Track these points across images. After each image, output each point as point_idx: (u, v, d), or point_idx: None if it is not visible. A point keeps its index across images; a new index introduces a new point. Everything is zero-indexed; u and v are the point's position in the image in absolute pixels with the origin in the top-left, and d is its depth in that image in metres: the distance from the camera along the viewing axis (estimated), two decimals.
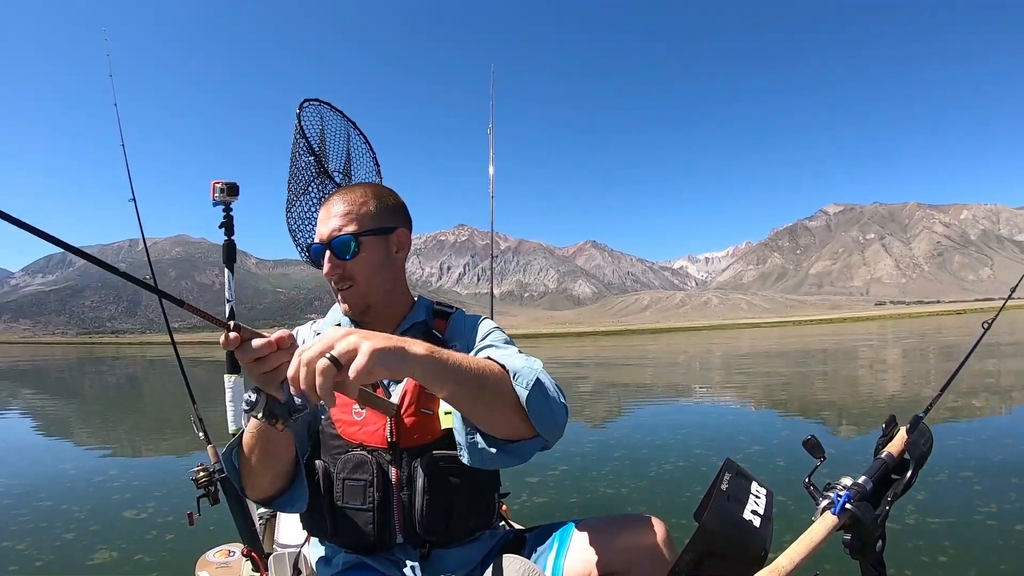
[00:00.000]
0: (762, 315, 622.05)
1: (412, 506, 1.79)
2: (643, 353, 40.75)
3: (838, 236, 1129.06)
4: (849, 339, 47.60)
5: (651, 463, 7.32)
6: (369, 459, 1.80)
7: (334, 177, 2.68)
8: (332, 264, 1.84)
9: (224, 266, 3.30)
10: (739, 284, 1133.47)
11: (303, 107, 2.63)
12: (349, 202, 1.87)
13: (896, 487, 1.56)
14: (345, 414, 1.84)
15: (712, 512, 1.44)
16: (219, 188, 3.09)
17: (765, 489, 1.58)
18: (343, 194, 1.91)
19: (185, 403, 3.40)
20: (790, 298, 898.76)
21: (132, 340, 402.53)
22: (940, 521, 4.98)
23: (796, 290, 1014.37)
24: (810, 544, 1.38)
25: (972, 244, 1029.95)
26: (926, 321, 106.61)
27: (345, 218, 1.84)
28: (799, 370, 22.70)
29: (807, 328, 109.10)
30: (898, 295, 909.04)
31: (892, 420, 1.71)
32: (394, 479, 1.80)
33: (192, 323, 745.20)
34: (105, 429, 13.20)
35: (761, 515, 1.49)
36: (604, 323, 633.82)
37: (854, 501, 1.47)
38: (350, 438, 1.82)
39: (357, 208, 1.86)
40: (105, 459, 9.52)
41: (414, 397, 1.83)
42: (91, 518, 6.03)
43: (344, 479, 1.80)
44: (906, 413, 1.71)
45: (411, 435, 1.81)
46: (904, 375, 19.13)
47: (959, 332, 44.29)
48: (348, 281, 1.85)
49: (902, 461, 1.62)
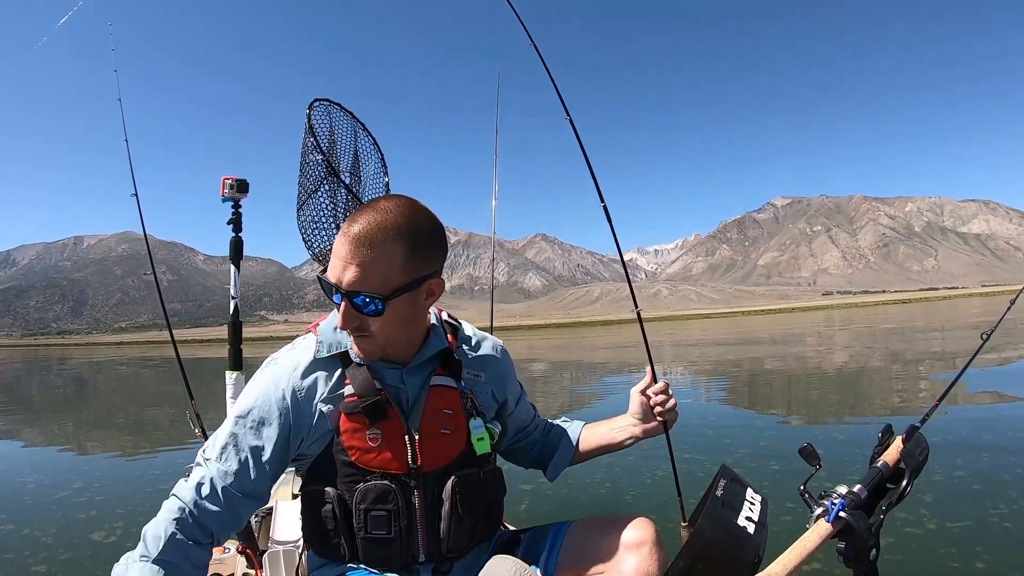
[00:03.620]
0: (712, 306, 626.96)
1: (438, 529, 1.76)
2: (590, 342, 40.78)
3: (786, 228, 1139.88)
4: (797, 327, 48.06)
5: (644, 470, 6.89)
6: (393, 488, 1.71)
7: (343, 177, 2.69)
8: (347, 316, 1.65)
9: (231, 263, 3.31)
10: (688, 276, 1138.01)
11: (312, 106, 2.63)
12: (373, 244, 1.58)
13: (891, 496, 1.59)
14: (359, 440, 1.71)
15: (706, 518, 1.52)
16: (229, 184, 3.10)
17: (760, 496, 1.64)
18: (367, 227, 1.60)
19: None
20: (739, 289, 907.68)
21: (79, 341, 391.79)
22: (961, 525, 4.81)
23: (745, 281, 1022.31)
24: (803, 551, 1.43)
25: (916, 236, 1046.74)
26: (872, 310, 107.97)
27: (368, 271, 1.60)
28: (747, 355, 22.93)
29: (755, 318, 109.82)
30: (845, 285, 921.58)
31: (888, 429, 1.72)
32: (418, 504, 1.74)
33: (139, 322, 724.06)
34: (62, 436, 12.77)
35: (755, 521, 1.56)
36: (555, 316, 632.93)
37: (848, 509, 1.49)
38: (366, 465, 1.72)
39: (385, 258, 1.60)
40: (64, 468, 9.11)
41: (434, 418, 1.77)
42: (59, 544, 5.44)
43: (366, 509, 1.71)
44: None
45: (433, 458, 1.75)
46: (852, 358, 19.33)
47: (906, 319, 45.02)
48: (365, 332, 1.68)
49: (897, 470, 1.63)
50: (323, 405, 1.73)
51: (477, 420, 1.82)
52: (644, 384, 2.02)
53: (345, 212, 2.62)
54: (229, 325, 3.45)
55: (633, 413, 2.04)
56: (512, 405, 2.07)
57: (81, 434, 12.99)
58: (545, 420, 2.25)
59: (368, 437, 1.70)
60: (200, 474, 1.66)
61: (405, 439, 1.72)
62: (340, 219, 2.62)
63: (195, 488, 1.63)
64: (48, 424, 14.91)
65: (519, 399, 2.12)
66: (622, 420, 2.09)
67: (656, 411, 2.00)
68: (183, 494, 1.63)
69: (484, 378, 1.93)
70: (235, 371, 3.35)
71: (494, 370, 1.98)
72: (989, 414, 9.20)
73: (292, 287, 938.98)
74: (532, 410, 2.20)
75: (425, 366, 1.82)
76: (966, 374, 2.16)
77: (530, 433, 2.19)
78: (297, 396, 1.72)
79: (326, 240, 2.56)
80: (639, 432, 2.04)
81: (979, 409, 9.58)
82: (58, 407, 19.23)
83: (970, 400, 10.05)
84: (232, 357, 3.35)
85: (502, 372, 2.01)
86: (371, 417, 1.70)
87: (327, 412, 1.72)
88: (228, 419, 1.73)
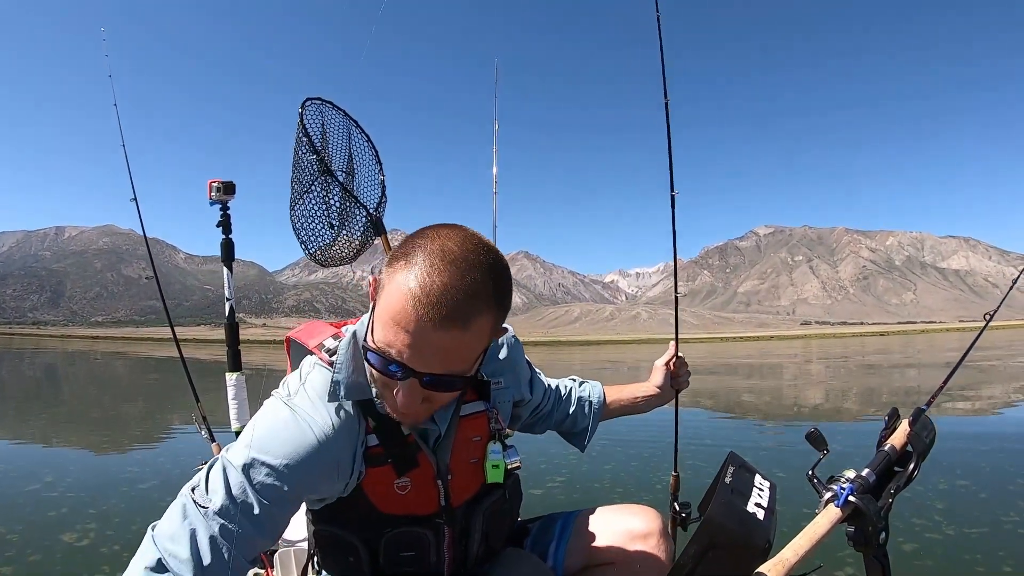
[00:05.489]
0: (691, 331, 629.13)
1: (467, 557, 1.68)
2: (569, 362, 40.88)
3: (767, 257, 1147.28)
4: (775, 354, 48.38)
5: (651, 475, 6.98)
6: (425, 534, 1.58)
7: (337, 176, 2.69)
8: (413, 395, 1.34)
9: (223, 264, 3.29)
10: (669, 300, 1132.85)
11: (305, 106, 2.63)
12: (465, 323, 1.26)
13: (899, 479, 1.58)
14: (385, 489, 1.52)
15: (716, 505, 1.48)
16: (215, 187, 3.08)
17: (769, 482, 1.61)
18: (456, 301, 1.24)
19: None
20: (718, 315, 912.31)
21: (54, 332, 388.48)
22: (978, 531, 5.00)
23: (724, 307, 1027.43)
24: (814, 537, 1.40)
25: (896, 269, 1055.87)
26: (850, 341, 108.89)
27: (456, 354, 1.31)
28: (727, 381, 23.06)
29: (734, 344, 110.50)
30: (823, 316, 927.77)
31: (895, 412, 1.72)
32: (447, 538, 1.61)
33: (116, 317, 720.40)
34: (37, 427, 12.42)
35: (765, 508, 1.52)
36: (534, 334, 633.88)
37: (857, 494, 1.47)
38: (391, 511, 1.54)
39: (478, 336, 1.32)
40: (36, 459, 8.84)
41: (464, 451, 1.62)
42: (27, 543, 5.06)
43: (395, 555, 1.57)
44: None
45: (462, 492, 1.63)
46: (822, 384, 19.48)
47: (885, 350, 45.45)
48: (425, 402, 1.39)
49: (904, 454, 1.63)
50: (348, 462, 1.46)
51: (496, 445, 1.66)
52: (668, 357, 2.31)
53: (339, 211, 2.61)
54: (226, 327, 3.43)
55: (657, 383, 2.29)
56: (528, 395, 1.96)
57: (54, 427, 12.69)
58: (555, 386, 2.20)
59: (396, 487, 1.52)
60: (192, 530, 1.28)
61: (437, 482, 1.57)
62: (333, 218, 2.61)
63: (192, 554, 1.26)
64: (18, 415, 14.66)
65: (532, 382, 2.01)
66: (646, 387, 2.31)
67: (674, 380, 2.32)
68: (177, 565, 1.25)
69: (504, 382, 1.77)
70: (235, 372, 3.32)
71: (512, 368, 1.81)
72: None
73: (272, 291, 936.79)
74: (543, 384, 2.09)
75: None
76: (966, 379, 2.17)
77: (544, 408, 2.14)
78: (321, 449, 1.39)
79: (319, 239, 2.55)
80: (657, 399, 2.31)
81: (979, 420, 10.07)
82: (31, 396, 19.04)
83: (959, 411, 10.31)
84: (231, 358, 3.33)
85: (517, 366, 1.85)
86: (400, 468, 1.52)
87: (352, 469, 1.47)
88: (233, 459, 1.36)
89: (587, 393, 2.22)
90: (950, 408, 11.98)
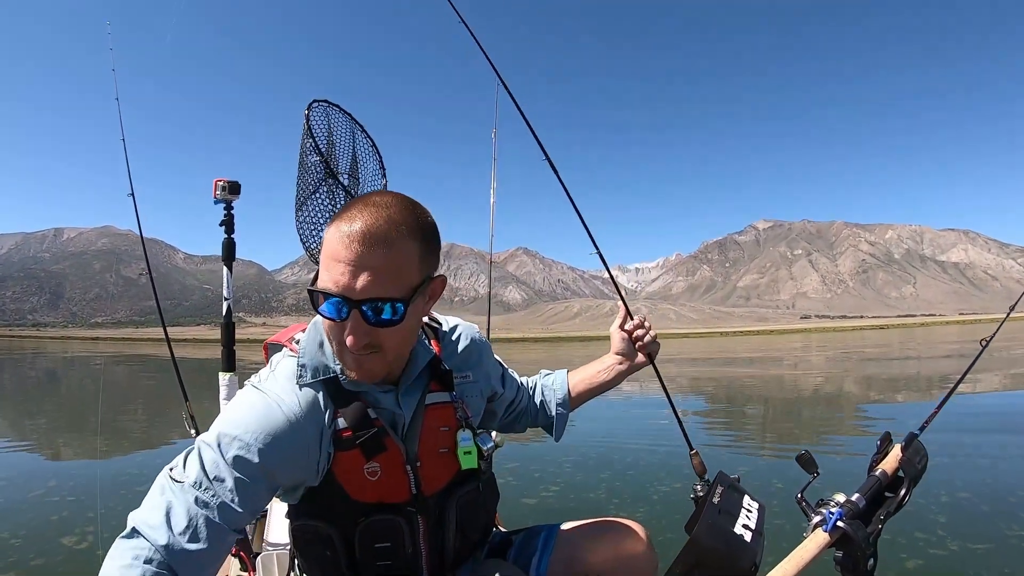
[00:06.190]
0: (690, 326, 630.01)
1: (443, 549, 1.69)
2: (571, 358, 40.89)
3: (767, 251, 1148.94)
4: (776, 349, 48.44)
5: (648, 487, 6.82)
6: (397, 521, 1.59)
7: (341, 179, 2.67)
8: (359, 332, 1.40)
9: (223, 264, 3.29)
10: (668, 295, 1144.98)
11: (311, 107, 2.62)
12: (389, 242, 1.37)
13: (889, 505, 1.57)
14: (355, 475, 1.55)
15: (703, 526, 1.49)
16: (221, 186, 3.09)
17: (757, 503, 1.61)
18: (376, 223, 1.37)
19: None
20: (718, 310, 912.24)
21: (55, 334, 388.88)
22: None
23: (724, 302, 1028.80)
24: (801, 561, 1.42)
25: (896, 263, 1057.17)
26: (850, 334, 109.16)
27: (385, 274, 1.37)
28: (724, 371, 23.07)
29: (733, 339, 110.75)
30: (823, 309, 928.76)
31: (887, 437, 1.70)
32: (422, 528, 1.64)
33: (116, 318, 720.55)
34: (36, 433, 12.50)
35: (752, 529, 1.52)
36: (533, 330, 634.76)
37: (846, 519, 1.48)
38: (363, 498, 1.57)
39: (403, 256, 1.40)
40: (38, 465, 8.91)
41: (432, 440, 1.65)
42: (29, 547, 5.20)
43: (370, 545, 1.59)
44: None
45: (433, 481, 1.65)
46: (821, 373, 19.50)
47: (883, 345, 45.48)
48: (375, 348, 1.45)
49: (896, 479, 1.63)
50: (316, 441, 1.50)
51: (466, 432, 1.69)
52: (620, 320, 2.16)
53: None
54: (222, 326, 3.45)
55: (616, 351, 2.17)
56: (500, 388, 1.99)
57: (55, 432, 12.73)
58: (528, 384, 2.22)
59: (366, 472, 1.55)
60: (168, 501, 1.33)
61: (406, 468, 1.60)
62: None
63: (165, 521, 1.30)
64: (21, 419, 14.66)
65: (503, 378, 2.03)
66: (607, 360, 2.19)
67: (637, 345, 2.15)
68: (150, 531, 1.29)
69: (472, 376, 1.80)
70: (228, 372, 3.35)
71: (478, 362, 1.84)
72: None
73: (271, 290, 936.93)
74: (515, 380, 2.12)
75: (418, 383, 1.65)
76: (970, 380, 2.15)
77: (519, 403, 2.14)
78: (290, 426, 1.45)
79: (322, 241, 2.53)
80: (625, 368, 2.17)
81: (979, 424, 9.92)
82: (33, 400, 19.09)
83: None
84: (225, 358, 3.36)
85: (485, 361, 1.88)
86: (368, 452, 1.54)
87: (320, 449, 1.51)
88: (207, 439, 1.42)
89: (551, 382, 2.21)
90: (951, 410, 11.97)
